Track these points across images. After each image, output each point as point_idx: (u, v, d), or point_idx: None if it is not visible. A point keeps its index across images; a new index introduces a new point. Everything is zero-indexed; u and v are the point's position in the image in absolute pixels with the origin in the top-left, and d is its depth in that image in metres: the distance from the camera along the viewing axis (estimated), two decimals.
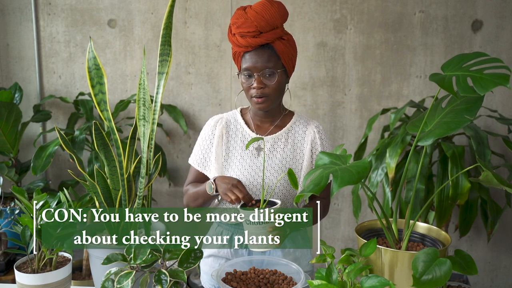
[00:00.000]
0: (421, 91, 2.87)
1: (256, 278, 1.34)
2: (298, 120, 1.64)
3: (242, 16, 1.48)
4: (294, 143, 1.61)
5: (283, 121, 1.64)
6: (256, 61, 1.50)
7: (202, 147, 1.66)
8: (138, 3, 2.97)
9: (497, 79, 1.03)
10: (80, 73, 3.10)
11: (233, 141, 1.62)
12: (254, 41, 1.48)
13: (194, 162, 1.66)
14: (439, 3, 2.78)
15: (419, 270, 1.07)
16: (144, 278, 1.18)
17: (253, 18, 1.46)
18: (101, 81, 1.37)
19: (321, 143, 1.60)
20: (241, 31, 1.47)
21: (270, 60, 1.50)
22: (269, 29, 1.49)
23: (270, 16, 1.47)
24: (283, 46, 1.52)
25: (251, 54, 1.51)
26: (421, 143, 1.19)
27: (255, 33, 1.47)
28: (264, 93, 1.51)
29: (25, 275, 1.32)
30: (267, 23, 1.47)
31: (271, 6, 1.48)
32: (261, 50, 1.50)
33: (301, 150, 1.60)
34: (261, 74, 1.50)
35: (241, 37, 1.48)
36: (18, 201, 1.47)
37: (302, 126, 1.63)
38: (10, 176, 2.75)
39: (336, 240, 3.11)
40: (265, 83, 1.51)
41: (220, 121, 1.65)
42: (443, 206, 2.23)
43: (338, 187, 1.02)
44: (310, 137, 1.60)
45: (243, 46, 1.50)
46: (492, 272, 3.02)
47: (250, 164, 1.58)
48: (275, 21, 1.49)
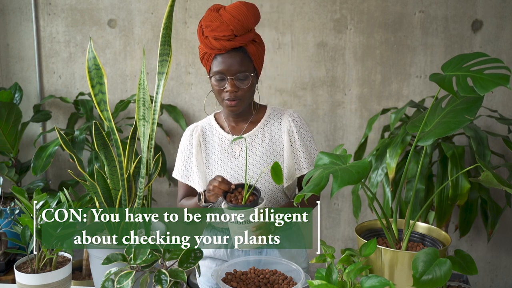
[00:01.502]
0: (421, 91, 2.87)
1: (256, 278, 1.34)
2: (272, 113, 1.63)
3: (216, 19, 1.45)
4: (271, 136, 1.60)
5: (257, 117, 1.63)
6: (230, 65, 1.48)
7: (182, 158, 1.65)
8: (138, 3, 2.97)
9: (497, 79, 1.03)
10: (80, 73, 3.10)
11: (211, 147, 1.62)
12: (228, 44, 1.46)
13: (178, 175, 1.66)
14: (439, 3, 2.78)
15: (419, 270, 1.07)
16: (144, 278, 1.18)
17: (228, 21, 1.44)
18: (101, 81, 1.37)
19: (298, 131, 1.59)
20: (215, 35, 1.45)
21: (243, 63, 1.48)
22: (244, 33, 1.47)
23: (245, 19, 1.45)
24: (255, 49, 1.51)
25: (223, 56, 1.48)
26: (421, 143, 1.19)
27: (230, 37, 1.45)
28: (237, 96, 1.50)
29: (25, 275, 1.32)
30: (242, 27, 1.45)
31: (246, 9, 1.46)
32: (234, 53, 1.48)
33: (280, 142, 1.60)
34: (234, 77, 1.49)
35: (214, 40, 1.46)
36: (18, 201, 1.47)
37: (277, 118, 1.62)
38: (10, 176, 2.75)
39: (336, 240, 3.11)
40: (238, 86, 1.50)
41: (196, 130, 1.65)
42: (443, 206, 2.23)
43: (338, 187, 1.02)
44: (286, 127, 1.59)
45: (216, 49, 1.47)
46: (492, 272, 3.02)
47: (232, 166, 1.58)
48: (250, 24, 1.47)
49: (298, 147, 1.59)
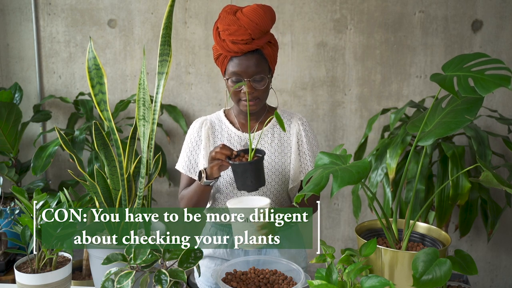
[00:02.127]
0: (421, 91, 2.87)
1: (256, 278, 1.33)
2: (281, 115, 1.64)
3: (234, 22, 1.44)
4: (280, 137, 1.61)
5: (266, 117, 1.64)
6: (246, 67, 1.48)
7: (187, 150, 1.65)
8: (138, 3, 2.97)
9: (498, 80, 1.03)
10: (80, 73, 3.10)
11: (220, 142, 1.62)
12: (246, 47, 1.46)
13: (181, 167, 1.65)
14: (439, 3, 2.78)
15: (419, 270, 1.07)
16: (144, 278, 1.18)
17: (246, 25, 1.43)
18: (101, 81, 1.37)
19: (306, 135, 1.62)
20: (233, 39, 1.44)
21: (259, 65, 1.49)
22: (261, 36, 1.47)
23: (263, 22, 1.45)
24: (271, 50, 1.52)
25: (240, 59, 1.48)
26: (421, 143, 1.19)
27: (248, 40, 1.45)
28: (254, 96, 1.51)
29: (25, 275, 1.32)
30: (260, 30, 1.45)
31: (264, 12, 1.46)
32: (250, 55, 1.48)
33: (288, 143, 1.61)
34: (251, 79, 1.49)
35: (232, 43, 1.45)
36: (18, 201, 1.47)
37: (286, 120, 1.64)
38: (10, 176, 2.75)
39: (336, 240, 3.11)
40: (254, 88, 1.50)
41: (205, 123, 1.64)
42: (443, 206, 2.23)
43: (338, 187, 1.02)
44: (295, 129, 1.61)
45: (233, 52, 1.47)
46: (492, 272, 3.02)
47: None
48: (267, 27, 1.47)
49: (305, 150, 1.61)
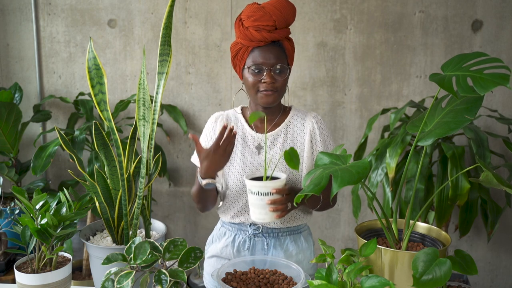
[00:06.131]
0: (421, 91, 2.87)
1: (256, 278, 1.33)
2: (296, 114, 1.65)
3: (259, 9, 1.48)
4: (293, 137, 1.61)
5: (281, 118, 1.65)
6: (268, 57, 1.50)
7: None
8: (138, 3, 2.97)
9: (497, 79, 1.03)
10: (80, 73, 3.10)
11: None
12: (269, 36, 1.48)
13: (196, 160, 1.66)
14: (439, 3, 2.78)
15: (419, 270, 1.07)
16: (144, 278, 1.18)
17: (271, 12, 1.47)
18: (101, 81, 1.38)
19: (320, 133, 1.61)
20: (258, 24, 1.47)
21: (280, 57, 1.52)
22: (284, 26, 1.51)
23: (286, 12, 1.49)
24: (290, 46, 1.55)
25: (262, 49, 1.51)
26: (421, 143, 1.19)
27: (271, 28, 1.48)
28: (274, 87, 1.52)
29: (25, 275, 1.32)
30: (284, 19, 1.49)
31: (287, 4, 1.51)
32: (271, 46, 1.51)
33: (301, 142, 1.61)
34: (272, 69, 1.51)
35: (256, 30, 1.48)
36: (18, 201, 1.47)
37: (300, 119, 1.64)
38: (10, 176, 2.75)
39: (336, 240, 3.11)
40: (275, 78, 1.52)
41: (221, 118, 1.66)
42: (443, 206, 2.23)
43: (338, 187, 1.02)
44: (308, 128, 1.61)
45: (256, 41, 1.50)
46: (492, 272, 3.02)
47: (251, 161, 1.59)
48: (289, 19, 1.51)
49: (319, 148, 1.61)
